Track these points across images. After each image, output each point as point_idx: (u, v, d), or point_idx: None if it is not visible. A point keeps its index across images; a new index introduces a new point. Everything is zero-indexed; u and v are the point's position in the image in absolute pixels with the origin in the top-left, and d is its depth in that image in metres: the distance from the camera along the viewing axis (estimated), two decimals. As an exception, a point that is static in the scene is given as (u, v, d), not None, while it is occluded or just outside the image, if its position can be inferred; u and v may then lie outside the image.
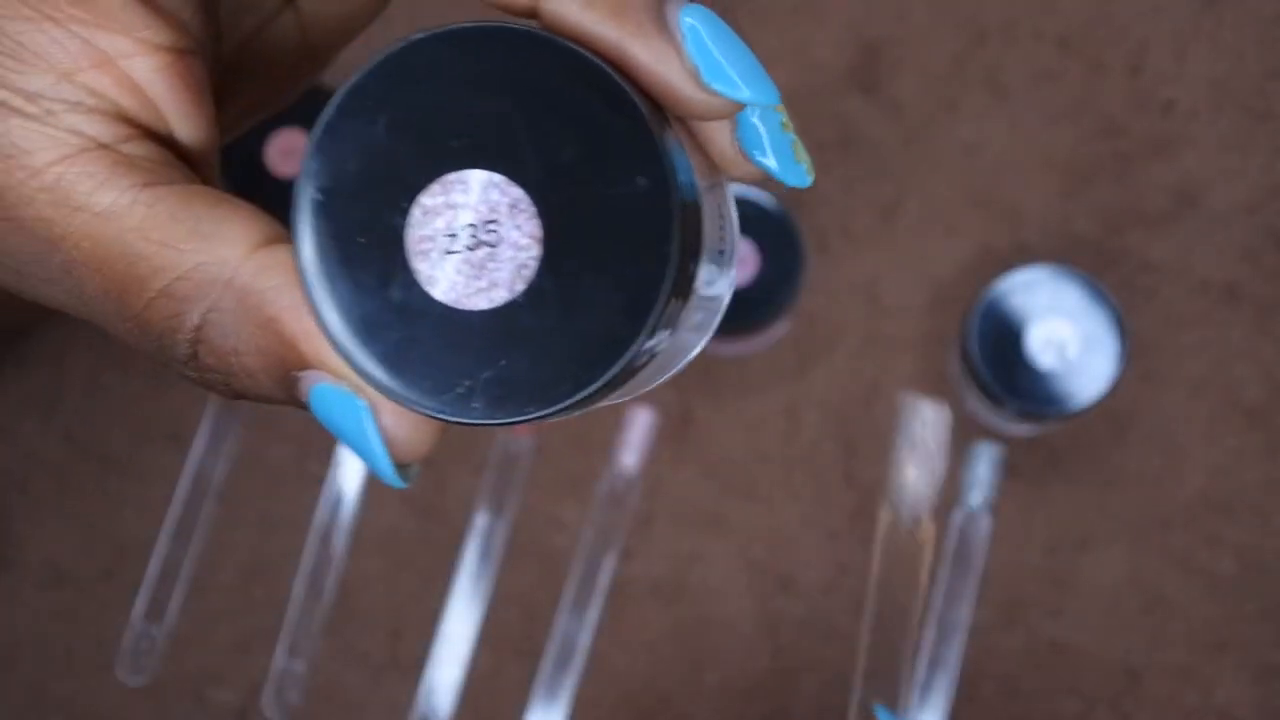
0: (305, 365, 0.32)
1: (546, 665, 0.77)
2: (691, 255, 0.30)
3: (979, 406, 0.77)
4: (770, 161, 0.33)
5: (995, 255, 0.80)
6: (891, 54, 0.81)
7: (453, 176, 0.30)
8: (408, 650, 0.79)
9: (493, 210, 0.30)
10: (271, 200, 0.82)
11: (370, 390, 0.31)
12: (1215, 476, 0.79)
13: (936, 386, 0.80)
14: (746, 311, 0.75)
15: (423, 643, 0.78)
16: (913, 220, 0.80)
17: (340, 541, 0.78)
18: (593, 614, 0.78)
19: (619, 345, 0.29)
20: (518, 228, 0.30)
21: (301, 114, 0.78)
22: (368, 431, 0.32)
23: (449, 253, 0.30)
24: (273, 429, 0.80)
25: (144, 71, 0.34)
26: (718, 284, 0.33)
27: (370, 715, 0.79)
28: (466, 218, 0.30)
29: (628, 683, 0.79)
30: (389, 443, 0.33)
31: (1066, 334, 0.75)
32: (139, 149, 0.34)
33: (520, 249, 0.30)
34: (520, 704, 0.78)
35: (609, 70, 0.30)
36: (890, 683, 0.38)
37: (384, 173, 0.30)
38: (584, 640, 0.77)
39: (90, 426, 0.81)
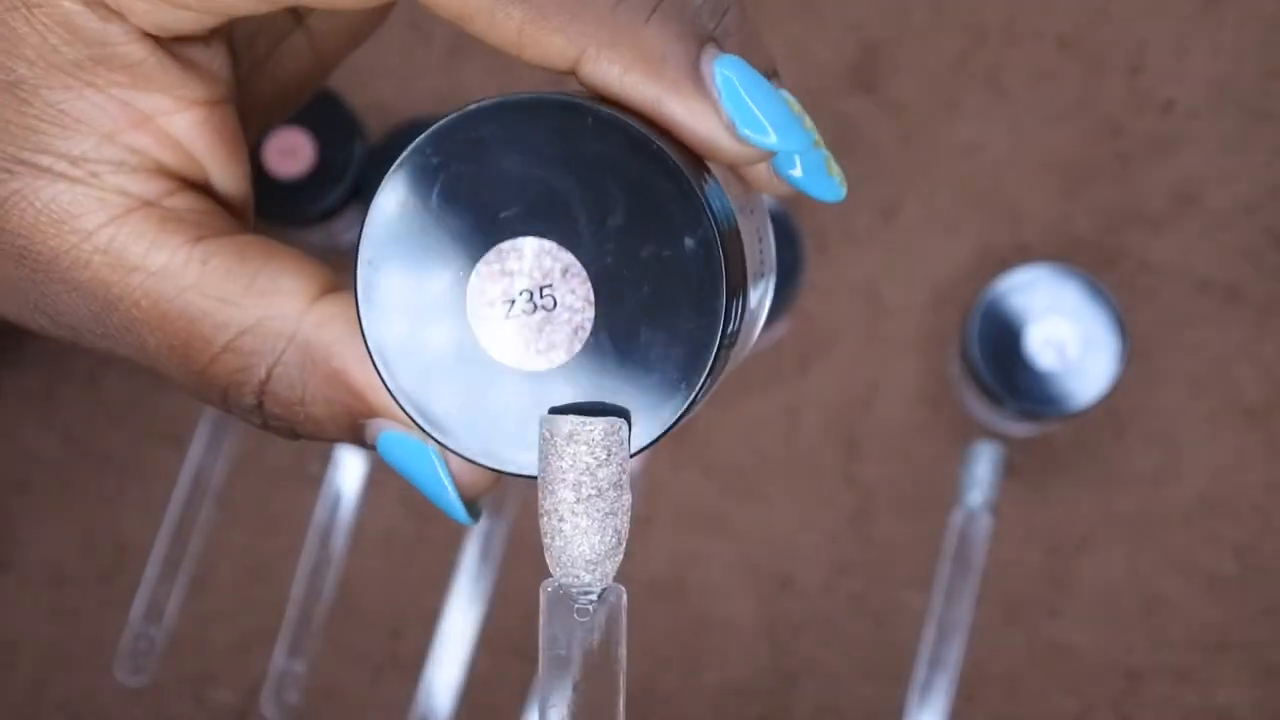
0: (373, 414, 0.34)
1: (546, 665, 0.77)
2: (739, 297, 0.32)
3: (979, 406, 0.77)
4: (803, 178, 0.34)
5: (995, 255, 0.80)
6: (891, 54, 0.81)
7: (506, 245, 0.31)
8: (408, 650, 0.79)
9: (546, 276, 0.31)
10: (270, 200, 0.82)
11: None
12: (1215, 476, 0.79)
13: (936, 386, 0.80)
14: (746, 311, 0.75)
15: (423, 643, 0.78)
16: (913, 220, 0.80)
17: (340, 541, 0.78)
18: (592, 614, 0.78)
19: (678, 396, 0.31)
20: (572, 291, 0.31)
21: (298, 114, 0.78)
22: (439, 476, 0.34)
23: (507, 318, 0.31)
24: (272, 429, 0.80)
25: (183, 127, 0.35)
26: (760, 300, 0.35)
27: (370, 715, 0.79)
28: (522, 284, 0.31)
29: (628, 683, 0.79)
30: (458, 484, 0.34)
31: (1066, 334, 0.74)
32: (182, 201, 0.35)
33: (575, 311, 0.31)
34: (520, 704, 0.78)
35: (651, 137, 0.31)
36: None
37: (439, 243, 0.31)
38: (584, 640, 0.77)
39: (90, 427, 0.81)
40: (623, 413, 0.31)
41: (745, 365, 0.85)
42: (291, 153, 0.77)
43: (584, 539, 0.33)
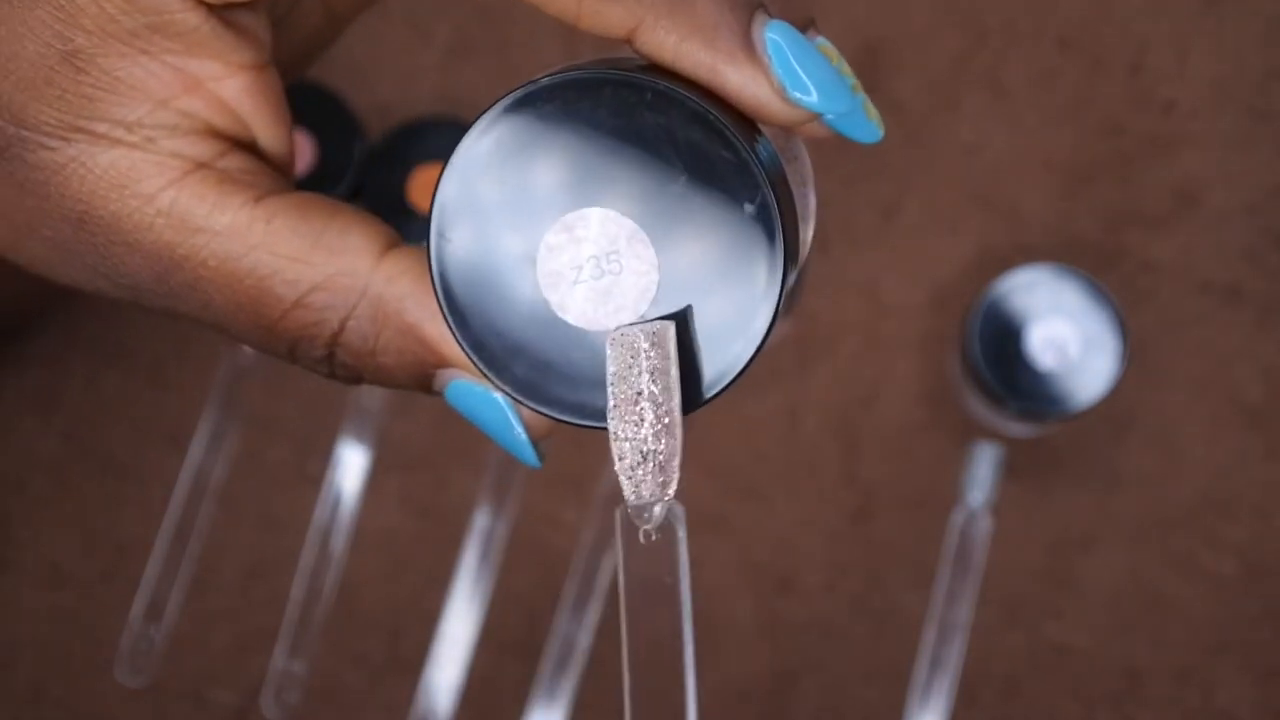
0: (443, 364, 0.36)
1: (546, 665, 0.77)
2: (792, 257, 0.34)
3: (979, 406, 0.77)
4: (842, 122, 0.35)
5: (995, 255, 0.80)
6: (891, 54, 0.81)
7: (573, 215, 0.33)
8: (408, 650, 0.79)
9: (612, 242, 0.33)
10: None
11: None
12: (1216, 477, 0.79)
13: (937, 386, 0.80)
14: (746, 311, 0.75)
15: (423, 643, 0.78)
16: (913, 220, 0.80)
17: (340, 541, 0.78)
18: (593, 614, 0.78)
19: (743, 350, 0.34)
20: (637, 256, 0.33)
21: (298, 114, 0.78)
22: (510, 421, 0.36)
23: (577, 283, 0.33)
24: (272, 429, 0.80)
25: (233, 91, 0.36)
26: (806, 240, 0.38)
27: (370, 715, 0.79)
28: (589, 251, 0.33)
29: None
30: (527, 427, 0.36)
31: (1067, 334, 0.74)
32: (234, 162, 0.36)
33: (641, 275, 0.33)
34: (520, 704, 0.78)
35: (708, 109, 0.33)
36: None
37: (509, 215, 0.33)
38: (584, 640, 0.77)
39: (90, 426, 0.81)
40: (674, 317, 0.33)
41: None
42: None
43: (640, 446, 0.34)
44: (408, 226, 0.78)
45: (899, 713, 0.77)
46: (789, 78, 0.33)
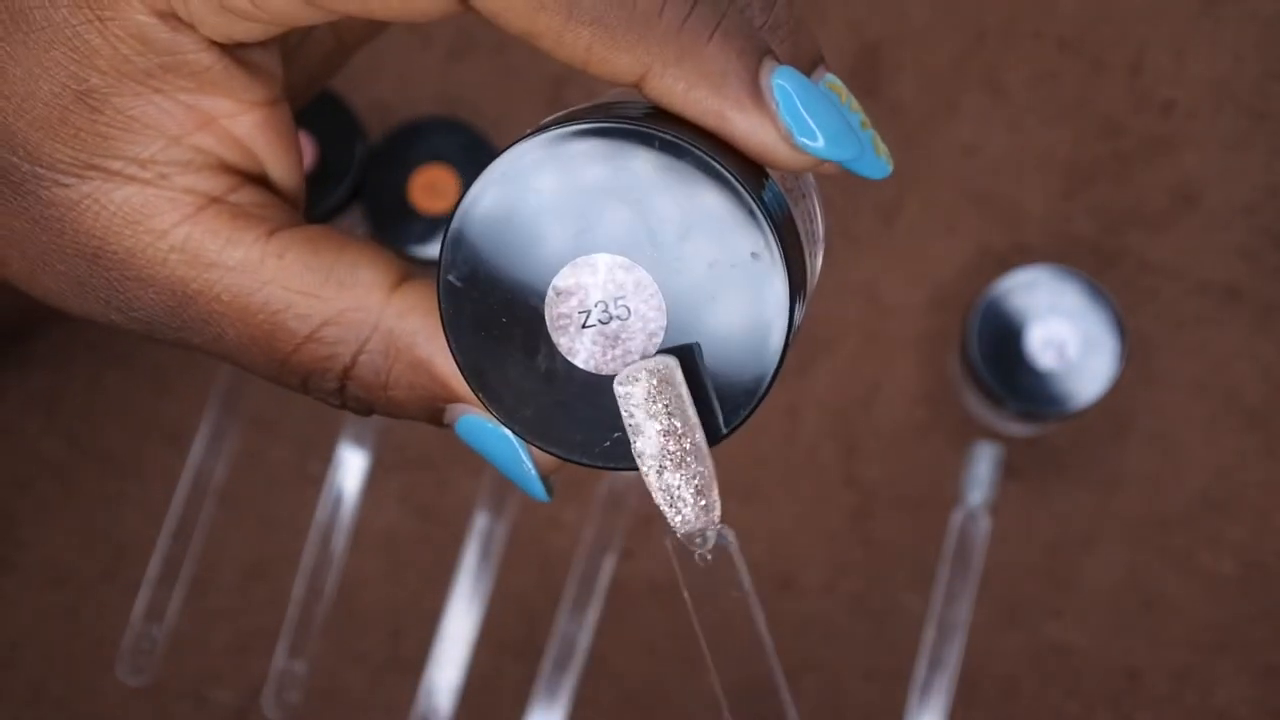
0: (454, 399, 0.36)
1: (546, 665, 0.77)
2: (800, 293, 0.34)
3: (979, 406, 0.77)
4: (853, 163, 0.36)
5: (995, 255, 0.80)
6: (891, 54, 0.81)
7: (581, 261, 0.33)
8: (408, 650, 0.79)
9: (620, 288, 0.33)
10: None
11: None
12: (1215, 477, 0.79)
13: (936, 386, 0.80)
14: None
15: (423, 643, 0.78)
16: (913, 220, 0.80)
17: (340, 541, 0.79)
18: (593, 614, 0.78)
19: (750, 390, 0.35)
20: (645, 301, 0.34)
21: (301, 114, 0.78)
22: (520, 457, 0.37)
23: (584, 327, 0.34)
24: (273, 429, 0.80)
25: (245, 127, 0.36)
26: (814, 274, 0.39)
27: (370, 715, 0.79)
28: (597, 295, 0.34)
29: (628, 683, 0.79)
30: (536, 463, 0.37)
31: (1066, 334, 0.75)
32: (245, 196, 0.36)
33: (648, 320, 0.34)
34: (520, 704, 0.78)
35: (714, 158, 0.33)
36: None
37: (518, 260, 0.34)
38: (584, 640, 0.78)
39: (91, 427, 0.81)
40: (679, 352, 0.34)
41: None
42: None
43: (675, 477, 0.34)
44: (408, 227, 0.78)
45: (899, 712, 0.77)
46: (796, 124, 0.33)
